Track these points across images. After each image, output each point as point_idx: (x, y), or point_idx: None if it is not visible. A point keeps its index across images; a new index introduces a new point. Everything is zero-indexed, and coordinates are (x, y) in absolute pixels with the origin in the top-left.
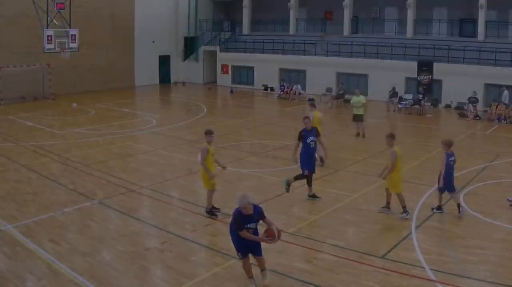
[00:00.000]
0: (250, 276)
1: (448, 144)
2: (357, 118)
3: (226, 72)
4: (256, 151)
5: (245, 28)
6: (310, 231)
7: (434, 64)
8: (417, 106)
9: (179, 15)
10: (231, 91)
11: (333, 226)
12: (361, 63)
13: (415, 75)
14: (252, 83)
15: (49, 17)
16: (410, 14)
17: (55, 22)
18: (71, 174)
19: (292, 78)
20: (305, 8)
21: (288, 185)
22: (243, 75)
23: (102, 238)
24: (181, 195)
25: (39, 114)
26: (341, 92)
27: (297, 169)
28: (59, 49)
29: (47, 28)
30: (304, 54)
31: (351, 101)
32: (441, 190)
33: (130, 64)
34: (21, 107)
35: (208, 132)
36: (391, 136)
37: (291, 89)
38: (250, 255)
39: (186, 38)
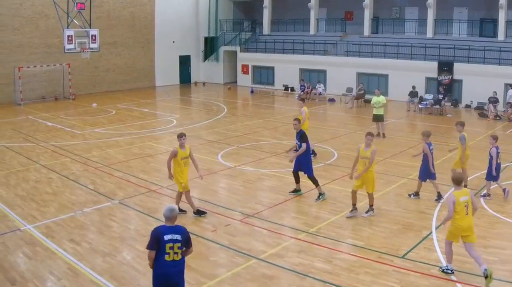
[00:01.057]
0: None
1: (427, 135)
2: (377, 118)
3: (247, 72)
4: (276, 151)
5: (265, 28)
6: (329, 231)
7: (454, 64)
8: (437, 106)
9: (199, 15)
10: (251, 91)
11: (352, 226)
12: (381, 63)
13: (435, 76)
14: (272, 84)
15: (69, 17)
16: (430, 14)
17: (76, 22)
18: (91, 174)
19: (312, 78)
20: (325, 8)
21: (320, 194)
22: (263, 75)
23: (122, 238)
24: (200, 195)
25: (60, 115)
26: (361, 92)
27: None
28: (79, 49)
29: (68, 28)
30: (324, 54)
31: (372, 102)
32: (424, 178)
33: (150, 64)
34: (41, 108)
35: (179, 136)
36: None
37: (312, 90)
38: None
39: (206, 38)
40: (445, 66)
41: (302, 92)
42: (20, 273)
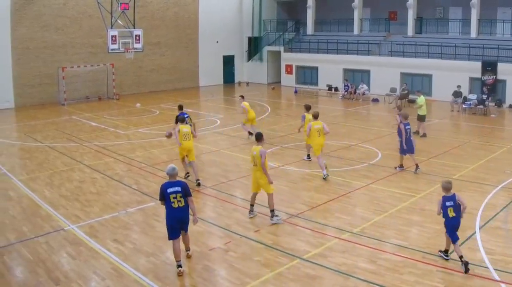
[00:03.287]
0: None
1: (405, 116)
2: (418, 118)
3: (290, 73)
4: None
5: (309, 28)
6: (373, 231)
7: (498, 64)
8: (481, 106)
9: (243, 15)
10: (295, 92)
11: (396, 226)
12: (425, 63)
13: (479, 76)
14: (316, 84)
15: (113, 17)
16: (474, 14)
17: (119, 22)
18: (135, 174)
19: (356, 78)
20: (369, 8)
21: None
22: (307, 75)
23: (166, 238)
24: (244, 195)
25: (103, 115)
26: (405, 92)
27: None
28: (123, 49)
29: (111, 28)
30: (368, 54)
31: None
32: (403, 153)
33: (194, 65)
34: (85, 108)
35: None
36: None
37: (355, 90)
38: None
39: (250, 38)
40: (489, 66)
41: (346, 92)
42: (64, 273)
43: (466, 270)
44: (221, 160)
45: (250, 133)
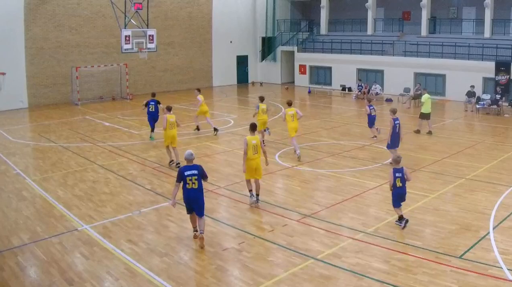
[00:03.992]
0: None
1: (394, 111)
2: (420, 116)
3: (304, 73)
4: (334, 151)
5: (323, 28)
6: (387, 231)
7: None
8: (494, 106)
9: (256, 15)
10: (309, 92)
11: (410, 226)
12: (438, 63)
13: (493, 76)
14: (329, 84)
15: (126, 17)
16: (488, 14)
17: (133, 22)
18: (149, 174)
19: (369, 78)
20: (382, 8)
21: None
22: (321, 75)
23: (180, 238)
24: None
25: (117, 115)
26: (418, 92)
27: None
28: (137, 49)
29: (125, 28)
30: (381, 54)
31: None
32: (389, 147)
33: (208, 65)
34: (98, 108)
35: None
36: None
37: (369, 90)
38: None
39: (263, 38)
40: (503, 66)
41: (360, 92)
42: (78, 273)
43: (404, 227)
44: (234, 160)
45: (212, 129)
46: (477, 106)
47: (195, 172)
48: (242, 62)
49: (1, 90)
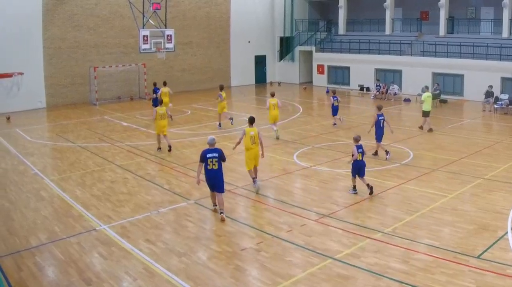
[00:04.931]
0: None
1: (379, 108)
2: (423, 113)
3: (322, 72)
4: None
5: (341, 28)
6: (405, 231)
7: None
8: None
9: (275, 15)
10: (327, 92)
11: (428, 226)
12: (456, 63)
13: (511, 76)
14: (348, 83)
15: (145, 17)
16: (506, 14)
17: (151, 22)
18: (167, 174)
19: (387, 78)
20: (400, 8)
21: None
22: (339, 75)
23: (198, 238)
24: (276, 195)
25: (135, 115)
26: (436, 92)
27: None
28: (155, 49)
29: (143, 28)
30: (400, 54)
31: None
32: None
33: (226, 64)
34: (116, 108)
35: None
36: None
37: (387, 90)
38: None
39: (282, 38)
40: None
41: (378, 92)
42: (96, 273)
43: (371, 193)
44: None
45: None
46: (495, 106)
47: (216, 155)
48: (260, 62)
49: (20, 90)
